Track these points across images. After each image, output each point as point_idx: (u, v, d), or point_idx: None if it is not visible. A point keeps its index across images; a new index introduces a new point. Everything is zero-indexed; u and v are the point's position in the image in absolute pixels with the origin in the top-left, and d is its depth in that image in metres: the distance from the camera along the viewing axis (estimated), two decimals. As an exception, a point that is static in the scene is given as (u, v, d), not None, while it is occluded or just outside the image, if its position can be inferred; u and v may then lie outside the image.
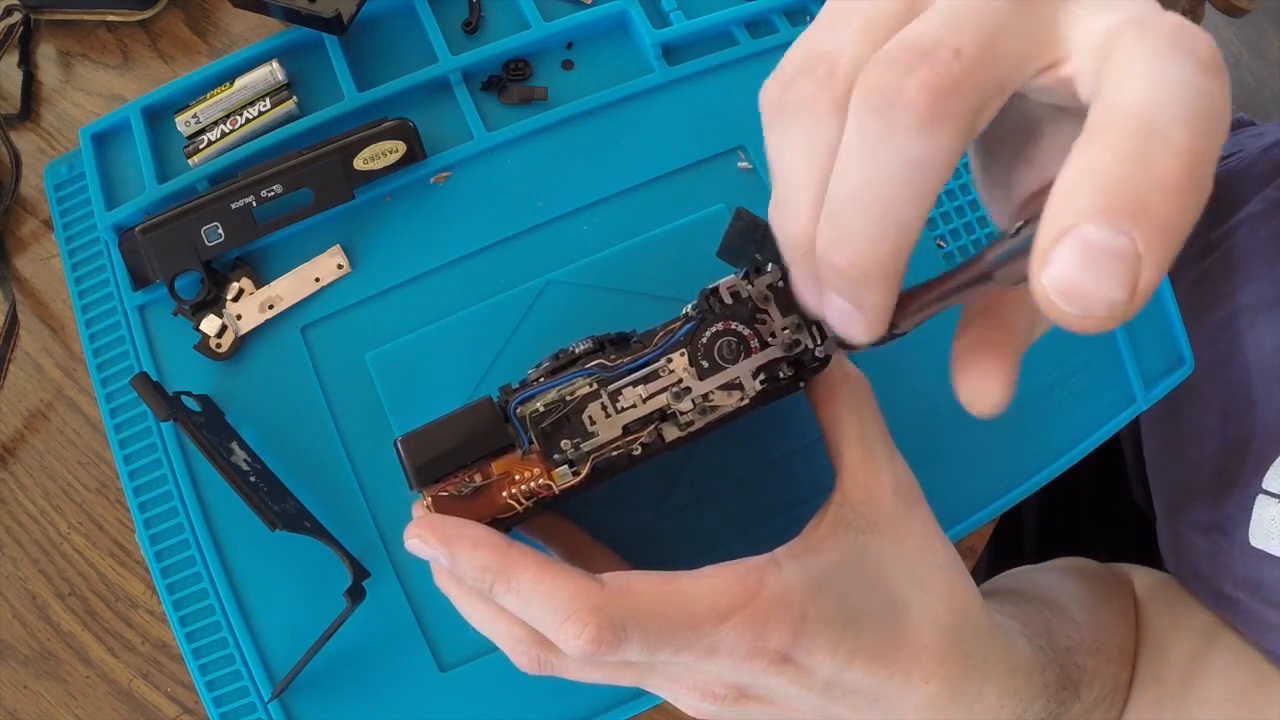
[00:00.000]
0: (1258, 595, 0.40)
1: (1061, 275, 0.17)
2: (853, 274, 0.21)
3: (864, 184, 0.20)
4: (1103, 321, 0.17)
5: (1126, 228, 0.16)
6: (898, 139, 0.18)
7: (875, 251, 0.20)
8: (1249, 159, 0.53)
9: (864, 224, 0.20)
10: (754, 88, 0.42)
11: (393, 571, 0.35)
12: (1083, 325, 0.17)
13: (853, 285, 0.21)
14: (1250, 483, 0.42)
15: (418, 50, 0.40)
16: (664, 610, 0.26)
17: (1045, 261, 0.17)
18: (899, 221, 0.20)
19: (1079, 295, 0.17)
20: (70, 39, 0.46)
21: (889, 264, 0.20)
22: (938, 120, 0.18)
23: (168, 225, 0.36)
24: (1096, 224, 0.17)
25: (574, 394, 0.28)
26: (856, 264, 0.21)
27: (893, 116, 0.18)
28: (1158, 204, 0.17)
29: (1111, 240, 0.16)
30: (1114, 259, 0.17)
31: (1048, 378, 0.40)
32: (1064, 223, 0.17)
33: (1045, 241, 0.17)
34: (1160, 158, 0.17)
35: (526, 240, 0.38)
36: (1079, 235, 0.17)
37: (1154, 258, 0.17)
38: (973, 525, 0.38)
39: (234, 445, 0.34)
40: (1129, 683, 0.40)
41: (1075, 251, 0.17)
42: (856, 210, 0.20)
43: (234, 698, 0.34)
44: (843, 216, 0.20)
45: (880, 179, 0.19)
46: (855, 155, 0.20)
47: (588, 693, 0.35)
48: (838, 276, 0.21)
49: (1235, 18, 0.79)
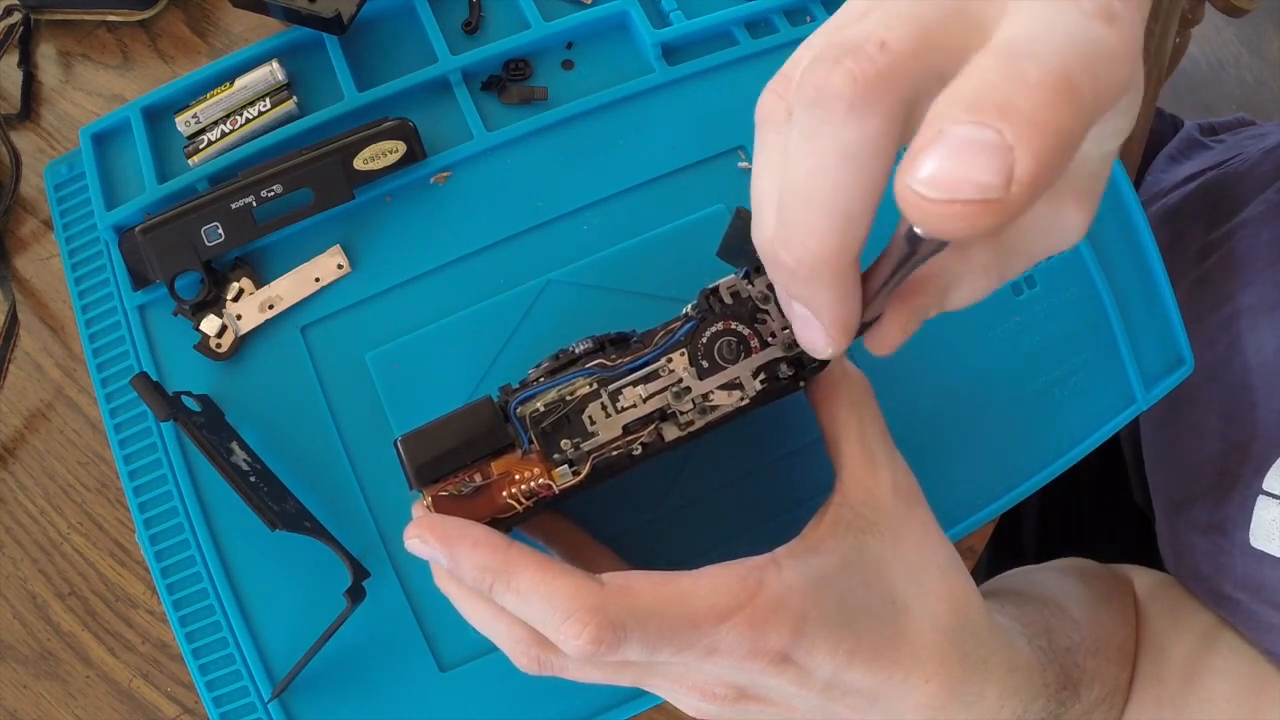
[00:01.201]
0: (1258, 596, 0.40)
1: (929, 167, 0.17)
2: (802, 272, 0.21)
3: (804, 177, 0.20)
4: (975, 211, 0.17)
5: (992, 122, 0.16)
6: (829, 129, 0.19)
7: (822, 246, 0.21)
8: (1250, 161, 0.53)
9: (807, 217, 0.21)
10: (754, 88, 0.42)
11: (393, 571, 0.35)
12: (951, 217, 0.17)
13: (804, 284, 0.22)
14: (1251, 483, 0.42)
15: (418, 50, 0.40)
16: (663, 610, 0.26)
17: (911, 166, 0.17)
18: (841, 213, 0.20)
19: (944, 182, 0.17)
20: (70, 39, 0.46)
21: (835, 259, 0.21)
22: (865, 108, 0.19)
23: (168, 225, 0.36)
24: (961, 123, 0.17)
25: (574, 394, 0.28)
26: (804, 261, 0.21)
27: (823, 108, 0.19)
28: (1024, 104, 0.16)
29: (976, 133, 0.16)
30: (980, 147, 0.16)
31: (1048, 378, 0.40)
32: (929, 132, 0.17)
33: (913, 150, 0.17)
34: (1029, 73, 0.17)
35: (526, 240, 0.38)
36: (944, 135, 0.17)
37: (1028, 149, 0.16)
38: (973, 525, 0.38)
39: (234, 445, 0.34)
40: (1129, 683, 0.40)
41: (940, 148, 0.17)
42: (799, 203, 0.21)
43: (234, 698, 0.34)
44: (788, 211, 0.21)
45: (818, 170, 0.20)
46: (795, 150, 0.20)
47: (588, 693, 0.35)
48: (789, 276, 0.22)
49: (1235, 18, 0.79)
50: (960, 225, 0.17)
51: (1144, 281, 0.42)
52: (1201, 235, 0.52)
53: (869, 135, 0.19)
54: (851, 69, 0.19)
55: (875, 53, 0.19)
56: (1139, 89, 0.21)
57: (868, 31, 0.19)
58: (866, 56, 0.19)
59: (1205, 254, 0.50)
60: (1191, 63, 1.41)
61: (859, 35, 0.19)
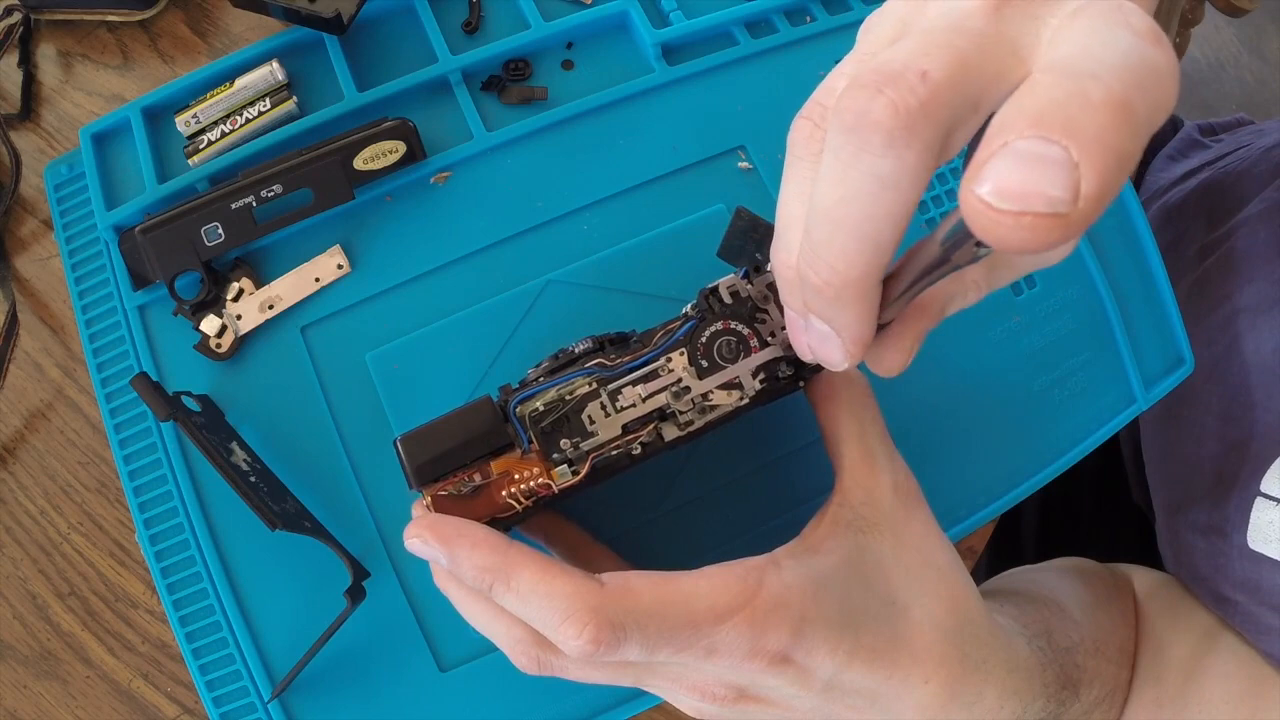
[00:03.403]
0: (1256, 598, 0.40)
1: (996, 178, 0.17)
2: (828, 292, 0.22)
3: (837, 202, 0.20)
4: (1046, 224, 0.17)
5: (1058, 139, 0.17)
6: (866, 158, 0.19)
7: (850, 269, 0.21)
8: (1249, 160, 0.53)
9: (837, 241, 0.21)
10: (754, 88, 0.42)
11: (393, 571, 0.35)
12: (1020, 229, 0.17)
13: (828, 304, 0.22)
14: (1249, 485, 0.41)
15: (418, 50, 0.40)
16: (663, 610, 0.26)
17: (977, 177, 0.17)
18: (871, 240, 0.20)
19: (1015, 193, 0.17)
20: (70, 39, 0.46)
21: (862, 282, 0.21)
22: (904, 140, 0.19)
23: (168, 225, 0.36)
24: (1027, 137, 0.17)
25: (573, 393, 0.28)
26: (831, 282, 0.21)
27: (861, 136, 0.19)
28: (1089, 124, 0.17)
29: (1044, 149, 0.17)
30: (1048, 162, 0.16)
31: (1048, 378, 0.40)
32: (994, 144, 0.17)
33: (977, 162, 0.17)
34: (1092, 93, 0.17)
35: (526, 240, 0.38)
36: (1011, 148, 0.17)
37: (1093, 168, 0.16)
38: (973, 525, 0.38)
39: (234, 445, 0.34)
40: (1129, 683, 0.40)
41: (1008, 160, 0.17)
42: (829, 227, 0.21)
43: (234, 698, 0.34)
44: (817, 234, 0.21)
45: (851, 197, 0.20)
46: (829, 174, 0.20)
47: (588, 693, 0.35)
48: (814, 295, 0.22)
49: (1235, 18, 0.79)
50: (1027, 237, 0.17)
51: (1144, 281, 0.42)
52: (1201, 235, 0.52)
53: (907, 166, 0.19)
54: (894, 100, 0.18)
55: (917, 83, 0.19)
56: None
57: (906, 60, 0.19)
58: (908, 87, 0.18)
59: (1204, 254, 0.50)
60: (1191, 63, 1.41)
61: (898, 64, 0.19)
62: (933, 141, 0.19)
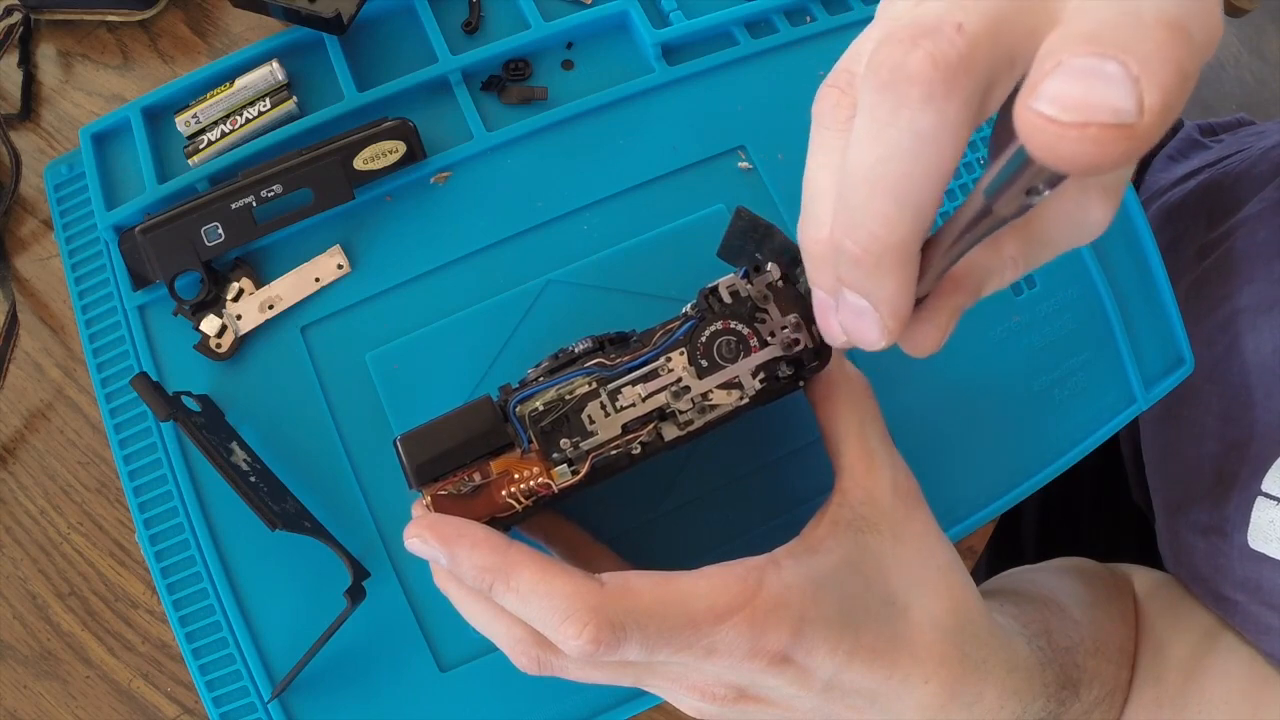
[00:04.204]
0: (1257, 597, 0.40)
1: (1055, 92, 0.16)
2: (867, 261, 0.21)
3: (874, 163, 0.19)
4: (1111, 135, 0.16)
5: (1115, 55, 0.16)
6: (905, 113, 0.19)
7: (890, 233, 0.20)
8: (1249, 160, 0.53)
9: (875, 204, 0.20)
10: (754, 88, 0.42)
11: (393, 571, 0.35)
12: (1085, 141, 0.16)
13: (867, 274, 0.21)
14: (1249, 485, 0.41)
15: (418, 50, 0.40)
16: (663, 610, 0.26)
17: (1034, 94, 0.16)
18: (911, 201, 0.20)
19: (1077, 104, 0.16)
20: (70, 39, 0.46)
21: (902, 249, 0.20)
22: (944, 93, 0.18)
23: (168, 225, 0.36)
24: (1081, 55, 0.16)
25: (573, 393, 0.28)
26: (870, 249, 0.20)
27: (899, 91, 0.18)
28: (1146, 40, 0.16)
29: (1101, 64, 0.16)
30: (1108, 76, 0.16)
31: (1048, 378, 0.40)
32: (1047, 65, 0.16)
33: (1031, 84, 0.17)
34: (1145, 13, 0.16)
35: (526, 240, 0.38)
36: (1067, 65, 0.16)
37: (1153, 81, 0.16)
38: (973, 525, 0.38)
39: (234, 445, 0.34)
40: (1128, 683, 0.40)
41: (1066, 75, 0.16)
42: (867, 190, 0.20)
43: (234, 698, 0.34)
44: (854, 199, 0.20)
45: (889, 156, 0.19)
46: (864, 136, 0.20)
47: (588, 693, 0.35)
48: (852, 265, 0.21)
49: (1235, 18, 0.79)
50: (1092, 151, 0.16)
51: (1144, 281, 0.42)
52: (1201, 235, 0.52)
53: (948, 120, 0.18)
54: (931, 52, 0.18)
55: (954, 35, 0.18)
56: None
57: (940, 14, 0.18)
58: (945, 39, 0.18)
59: (1204, 253, 0.50)
60: (1191, 63, 1.41)
61: (932, 18, 0.18)
62: (972, 97, 0.18)
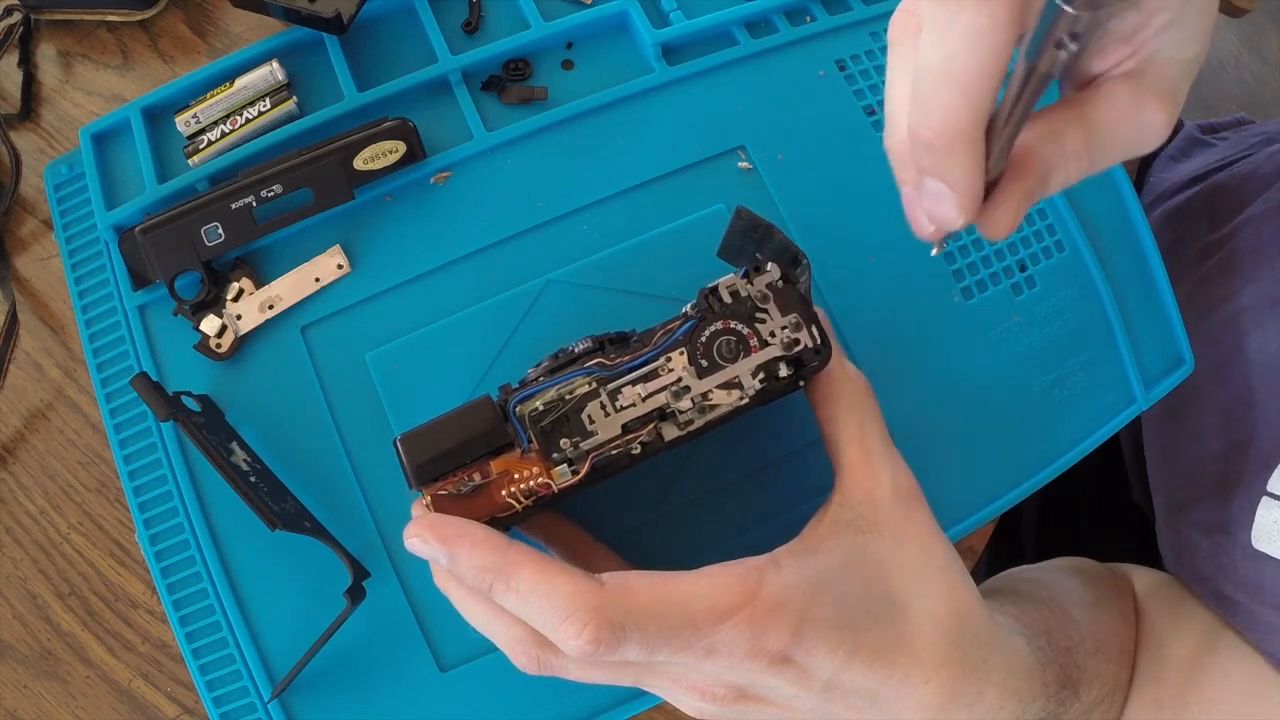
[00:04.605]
0: (1259, 597, 0.40)
1: None
2: (939, 144, 0.24)
3: (941, 61, 0.23)
4: None
5: None
6: (964, 16, 0.22)
7: (958, 118, 0.24)
8: (1253, 161, 0.53)
9: (944, 95, 0.23)
10: (754, 88, 0.42)
11: (393, 571, 0.35)
12: None
13: (941, 158, 0.24)
14: (1254, 485, 0.41)
15: (418, 50, 0.40)
16: (663, 610, 0.26)
17: None
18: (973, 90, 0.23)
19: None
20: (70, 39, 0.46)
21: (969, 132, 0.24)
22: None
23: (168, 225, 0.36)
24: None
25: (573, 393, 0.28)
26: (942, 134, 0.24)
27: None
28: None
29: None
30: None
31: (1048, 378, 0.40)
32: None
33: None
34: None
35: (526, 240, 0.38)
36: None
37: None
38: (973, 525, 0.38)
39: (234, 445, 0.34)
40: (1129, 683, 0.40)
41: None
42: (935, 84, 0.24)
43: (234, 698, 0.34)
44: (926, 91, 0.24)
45: (952, 53, 0.23)
46: (931, 41, 0.23)
47: (588, 693, 0.35)
48: (926, 151, 0.25)
49: (1235, 18, 0.79)
50: None
51: (1144, 281, 0.42)
52: (1204, 235, 0.52)
53: (998, 19, 0.22)
54: None
55: None
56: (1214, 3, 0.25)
57: None
58: None
59: (1208, 253, 0.50)
60: (1191, 62, 1.41)
61: None
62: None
